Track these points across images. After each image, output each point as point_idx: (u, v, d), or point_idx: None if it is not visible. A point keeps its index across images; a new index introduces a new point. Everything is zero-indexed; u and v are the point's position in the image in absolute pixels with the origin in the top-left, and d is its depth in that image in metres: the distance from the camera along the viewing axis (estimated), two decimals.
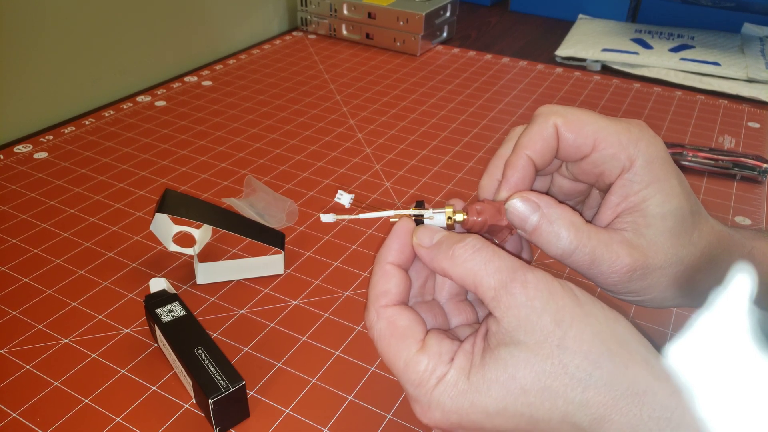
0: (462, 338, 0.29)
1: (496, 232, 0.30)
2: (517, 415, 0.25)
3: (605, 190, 0.32)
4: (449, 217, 0.30)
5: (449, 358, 0.27)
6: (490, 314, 0.27)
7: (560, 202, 0.29)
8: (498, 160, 0.32)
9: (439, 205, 0.31)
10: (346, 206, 0.31)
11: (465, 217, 0.30)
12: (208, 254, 0.54)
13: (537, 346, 0.25)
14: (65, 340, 0.45)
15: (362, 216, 0.31)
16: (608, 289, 0.31)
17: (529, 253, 0.33)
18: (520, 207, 0.29)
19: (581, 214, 0.30)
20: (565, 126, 0.30)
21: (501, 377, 0.25)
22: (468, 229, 0.30)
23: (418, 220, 0.30)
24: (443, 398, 0.26)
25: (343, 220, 0.31)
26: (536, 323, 0.25)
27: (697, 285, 0.31)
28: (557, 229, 0.28)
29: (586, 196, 0.34)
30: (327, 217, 0.31)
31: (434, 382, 0.26)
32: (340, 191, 0.31)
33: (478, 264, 0.26)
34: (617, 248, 0.29)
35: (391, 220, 0.30)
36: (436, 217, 0.30)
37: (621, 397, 0.24)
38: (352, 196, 0.31)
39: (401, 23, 0.97)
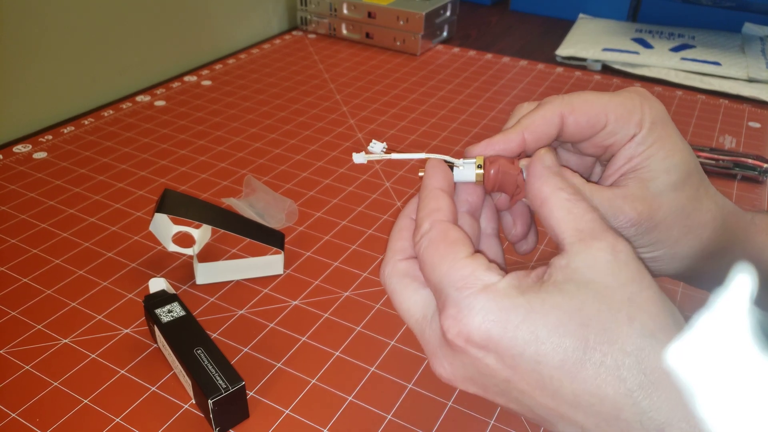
0: None
1: (508, 186, 0.30)
2: (570, 349, 0.23)
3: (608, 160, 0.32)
4: (479, 165, 0.30)
5: (500, 275, 0.25)
6: (556, 255, 0.26)
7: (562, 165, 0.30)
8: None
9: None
10: (378, 152, 0.31)
11: (482, 171, 0.30)
12: (208, 254, 0.54)
13: (608, 291, 0.24)
14: (65, 340, 0.45)
15: (394, 156, 0.31)
16: None
17: (535, 236, 0.33)
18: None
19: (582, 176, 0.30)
20: (575, 111, 0.30)
21: (564, 305, 0.24)
22: (486, 181, 0.30)
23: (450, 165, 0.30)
24: (490, 304, 0.24)
25: (374, 160, 0.30)
26: (615, 271, 0.24)
27: (710, 249, 0.32)
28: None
29: (590, 174, 0.35)
30: (358, 157, 0.30)
31: (481, 286, 0.24)
32: (373, 140, 0.30)
33: (577, 207, 0.26)
34: (620, 203, 0.29)
35: (420, 175, 0.31)
36: (465, 166, 0.30)
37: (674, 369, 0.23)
38: (385, 144, 0.30)
39: (401, 23, 0.97)
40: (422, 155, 0.31)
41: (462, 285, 0.25)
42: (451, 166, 0.30)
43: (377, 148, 0.30)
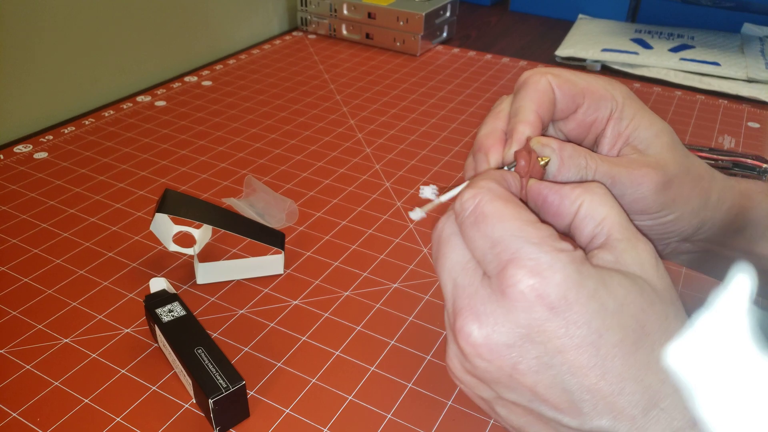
0: None
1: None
2: (629, 329, 0.23)
3: (593, 144, 0.33)
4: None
5: (573, 246, 0.24)
6: (597, 249, 0.26)
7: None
8: (494, 120, 0.32)
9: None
10: (433, 198, 0.30)
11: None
12: (208, 254, 0.54)
13: (657, 290, 0.25)
14: (65, 340, 0.45)
15: (443, 198, 0.30)
16: (638, 211, 0.31)
17: None
18: (543, 152, 0.30)
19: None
20: (559, 82, 0.31)
21: (628, 286, 0.24)
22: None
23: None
24: (571, 266, 0.23)
25: (431, 208, 0.30)
26: (659, 274, 0.25)
27: (713, 200, 0.33)
28: (576, 159, 0.29)
29: None
30: (415, 214, 0.29)
31: (560, 248, 0.23)
32: (421, 186, 0.30)
33: (615, 202, 0.27)
34: (632, 164, 0.30)
35: (436, 199, 0.30)
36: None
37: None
38: (434, 187, 0.30)
39: (401, 23, 0.97)
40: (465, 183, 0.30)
41: (540, 241, 0.24)
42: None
43: (428, 192, 0.30)
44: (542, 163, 0.29)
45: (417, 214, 0.29)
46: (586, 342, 0.23)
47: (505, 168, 0.29)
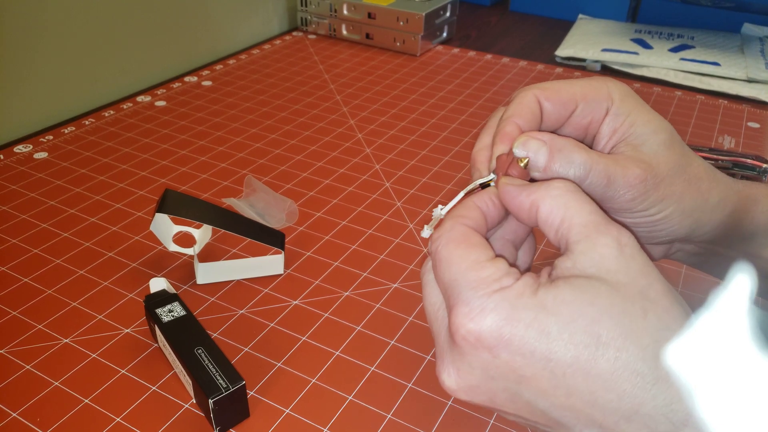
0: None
1: None
2: (581, 345, 0.23)
3: (590, 144, 0.33)
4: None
5: (517, 277, 0.25)
6: (560, 257, 0.26)
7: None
8: (485, 135, 0.32)
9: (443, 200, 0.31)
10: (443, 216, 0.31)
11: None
12: (208, 254, 0.54)
13: (619, 286, 0.24)
14: (65, 340, 0.45)
15: (443, 212, 0.31)
16: (627, 209, 0.31)
17: (533, 246, 0.33)
18: (530, 144, 0.29)
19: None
20: (546, 92, 0.31)
21: (575, 300, 0.23)
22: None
23: (484, 185, 0.30)
24: (503, 304, 0.24)
25: (435, 223, 0.31)
26: (623, 266, 0.24)
27: (711, 202, 0.32)
28: (568, 154, 0.29)
29: None
30: (425, 232, 0.31)
31: (496, 287, 0.24)
32: (434, 210, 0.31)
33: (574, 200, 0.26)
34: (625, 162, 0.30)
35: (441, 211, 0.31)
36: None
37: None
38: (441, 205, 0.31)
39: (401, 23, 0.97)
40: (461, 193, 0.30)
41: (477, 284, 0.24)
42: (488, 183, 0.30)
43: (436, 212, 0.31)
44: (522, 164, 0.29)
45: (426, 231, 0.31)
46: (538, 368, 0.23)
47: (491, 175, 0.30)
